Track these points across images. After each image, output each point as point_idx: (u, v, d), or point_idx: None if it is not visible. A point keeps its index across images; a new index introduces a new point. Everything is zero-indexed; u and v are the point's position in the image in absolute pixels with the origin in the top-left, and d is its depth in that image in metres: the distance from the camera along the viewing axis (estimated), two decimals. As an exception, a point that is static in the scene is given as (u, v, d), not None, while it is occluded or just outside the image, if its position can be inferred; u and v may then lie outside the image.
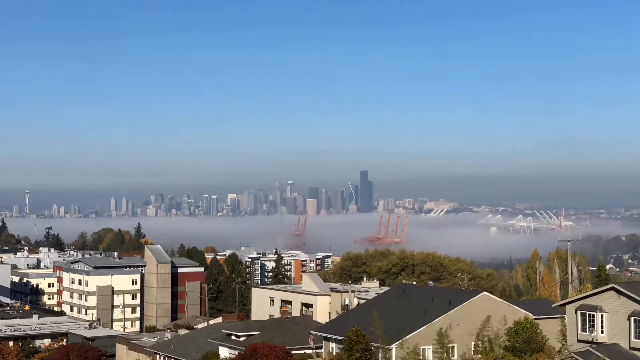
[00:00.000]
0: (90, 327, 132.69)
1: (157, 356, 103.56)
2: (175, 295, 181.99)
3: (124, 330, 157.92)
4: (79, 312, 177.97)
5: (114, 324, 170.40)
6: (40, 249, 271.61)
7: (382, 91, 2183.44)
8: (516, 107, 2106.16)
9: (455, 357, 74.57)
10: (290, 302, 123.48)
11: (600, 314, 64.71)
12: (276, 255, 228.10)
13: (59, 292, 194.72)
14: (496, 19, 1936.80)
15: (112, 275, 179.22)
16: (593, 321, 65.10)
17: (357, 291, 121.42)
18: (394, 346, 72.05)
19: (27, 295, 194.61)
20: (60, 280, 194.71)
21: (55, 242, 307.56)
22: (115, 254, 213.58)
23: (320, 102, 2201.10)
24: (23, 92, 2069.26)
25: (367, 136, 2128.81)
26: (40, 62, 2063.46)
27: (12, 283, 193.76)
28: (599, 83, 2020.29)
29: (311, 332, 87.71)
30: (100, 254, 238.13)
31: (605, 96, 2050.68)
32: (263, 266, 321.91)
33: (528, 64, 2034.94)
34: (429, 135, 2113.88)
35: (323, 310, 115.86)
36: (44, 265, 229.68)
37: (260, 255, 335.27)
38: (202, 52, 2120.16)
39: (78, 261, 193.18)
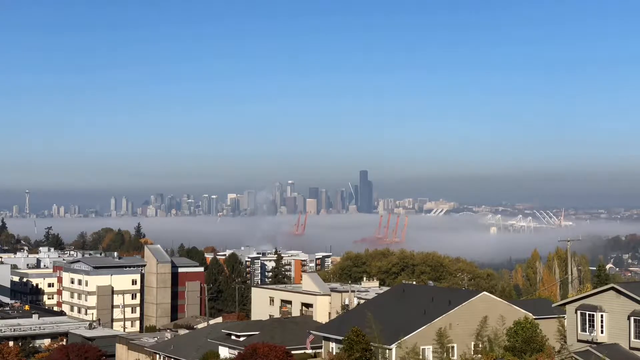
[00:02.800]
0: (90, 327, 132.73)
1: (157, 356, 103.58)
2: (175, 295, 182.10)
3: (124, 330, 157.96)
4: (79, 312, 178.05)
5: (114, 324, 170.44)
6: (40, 248, 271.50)
7: (382, 91, 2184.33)
8: (517, 106, 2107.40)
9: (455, 357, 74.56)
10: (290, 302, 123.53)
11: (600, 314, 64.73)
12: (276, 255, 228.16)
13: (59, 292, 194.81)
14: (494, 10, 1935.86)
15: (112, 275, 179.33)
16: (593, 321, 65.11)
17: (357, 291, 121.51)
18: (393, 346, 72.05)
19: (27, 295, 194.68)
20: (60, 280, 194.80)
21: (55, 242, 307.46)
22: (115, 253, 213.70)
23: (320, 101, 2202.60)
24: (23, 91, 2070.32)
25: (367, 136, 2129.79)
26: (40, 60, 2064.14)
27: (12, 283, 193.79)
28: (600, 81, 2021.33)
29: (311, 332, 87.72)
30: (100, 254, 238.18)
31: (604, 96, 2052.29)
32: (263, 266, 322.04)
33: (528, 61, 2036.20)
34: (428, 135, 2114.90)
35: (323, 310, 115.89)
36: (44, 265, 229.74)
37: (260, 255, 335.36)
38: (202, 51, 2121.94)
39: (78, 261, 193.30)
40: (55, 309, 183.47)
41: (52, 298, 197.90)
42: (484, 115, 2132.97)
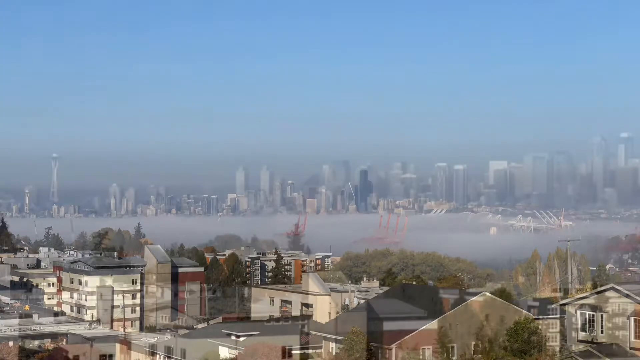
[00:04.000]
0: (90, 327, 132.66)
1: (157, 356, 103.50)
2: (175, 295, 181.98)
3: (124, 330, 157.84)
4: (79, 312, 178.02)
5: (114, 323, 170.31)
6: (40, 249, 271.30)
7: (382, 91, 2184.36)
8: (517, 106, 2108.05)
9: (455, 357, 74.56)
10: (290, 302, 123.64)
11: (600, 314, 64.70)
12: (276, 255, 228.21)
13: (59, 292, 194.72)
14: (493, 9, 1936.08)
15: (112, 275, 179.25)
16: (593, 321, 65.09)
17: (357, 291, 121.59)
18: (393, 346, 72.03)
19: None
20: (60, 280, 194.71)
21: (55, 242, 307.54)
22: (115, 253, 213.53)
23: (320, 101, 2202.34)
24: (23, 90, 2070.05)
25: (367, 136, 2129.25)
26: (40, 60, 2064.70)
27: (12, 283, 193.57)
28: (599, 80, 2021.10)
29: (311, 332, 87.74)
30: (100, 254, 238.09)
31: (604, 95, 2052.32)
32: (263, 266, 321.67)
33: (525, 60, 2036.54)
34: (429, 135, 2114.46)
35: (323, 310, 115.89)
36: (44, 265, 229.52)
37: (260, 255, 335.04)
38: (201, 51, 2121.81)
39: (78, 261, 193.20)
40: (55, 309, 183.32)
41: (52, 298, 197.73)
42: (484, 115, 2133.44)
